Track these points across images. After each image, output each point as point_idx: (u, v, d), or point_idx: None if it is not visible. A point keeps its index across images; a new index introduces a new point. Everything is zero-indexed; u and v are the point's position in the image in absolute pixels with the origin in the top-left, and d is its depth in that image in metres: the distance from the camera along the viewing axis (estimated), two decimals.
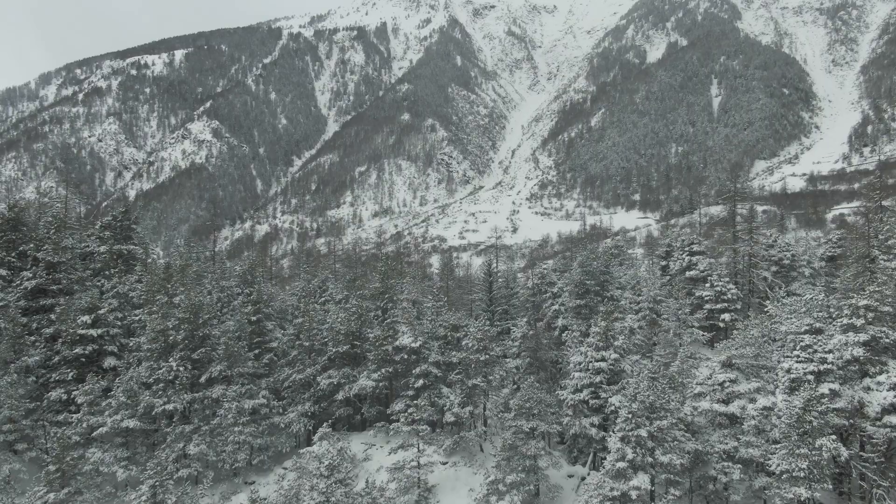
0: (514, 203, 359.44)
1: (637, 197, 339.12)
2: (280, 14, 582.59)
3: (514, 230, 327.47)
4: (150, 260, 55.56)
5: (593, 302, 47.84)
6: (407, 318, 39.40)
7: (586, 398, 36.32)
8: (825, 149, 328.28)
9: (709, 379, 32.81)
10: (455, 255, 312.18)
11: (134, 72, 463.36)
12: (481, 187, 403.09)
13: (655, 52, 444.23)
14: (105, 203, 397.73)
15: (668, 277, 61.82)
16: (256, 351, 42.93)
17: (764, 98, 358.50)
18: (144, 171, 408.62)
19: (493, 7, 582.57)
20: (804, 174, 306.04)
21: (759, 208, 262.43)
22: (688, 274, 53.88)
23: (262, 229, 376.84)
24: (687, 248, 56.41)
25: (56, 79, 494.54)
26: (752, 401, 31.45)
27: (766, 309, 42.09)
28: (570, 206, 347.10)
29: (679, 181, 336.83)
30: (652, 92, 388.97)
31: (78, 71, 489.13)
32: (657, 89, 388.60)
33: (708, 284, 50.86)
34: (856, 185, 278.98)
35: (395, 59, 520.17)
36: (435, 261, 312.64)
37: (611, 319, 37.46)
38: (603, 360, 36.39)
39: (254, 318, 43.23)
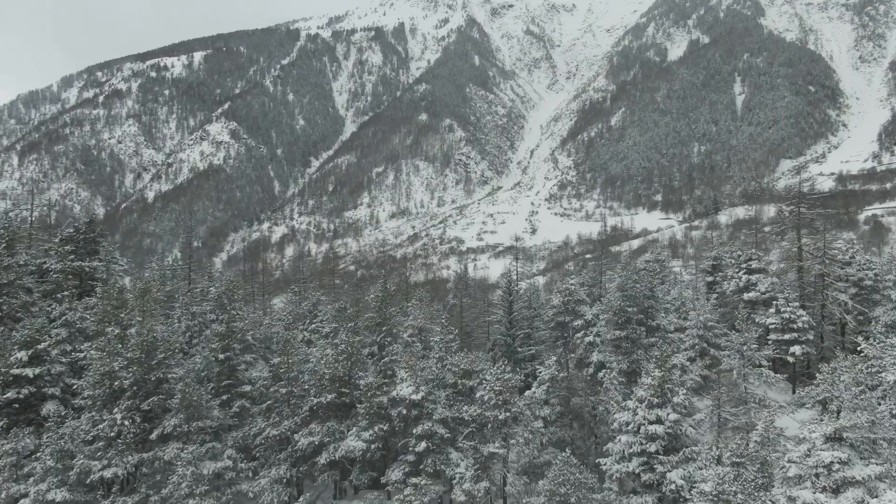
0: (532, 204, 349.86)
1: (659, 197, 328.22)
2: (298, 15, 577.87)
3: (533, 231, 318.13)
4: (117, 279, 47.39)
5: (636, 333, 38.97)
6: (407, 362, 30.87)
7: (637, 470, 27.66)
8: (854, 147, 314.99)
9: (807, 457, 24.09)
10: (473, 256, 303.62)
11: (153, 74, 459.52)
12: (499, 188, 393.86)
13: (677, 50, 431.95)
14: (124, 204, 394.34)
15: (715, 295, 52.83)
16: (225, 396, 34.63)
17: (789, 96, 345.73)
18: (163, 172, 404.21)
19: (511, 6, 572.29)
20: (832, 173, 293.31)
21: (786, 209, 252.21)
22: (746, 296, 44.84)
23: (279, 231, 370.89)
24: (744, 265, 47.22)
25: (78, 81, 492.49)
26: (873, 493, 22.71)
27: (859, 347, 33.04)
28: (590, 207, 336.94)
29: (702, 181, 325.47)
30: (673, 90, 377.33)
31: (99, 73, 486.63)
32: (679, 87, 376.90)
33: (773, 310, 41.74)
34: (888, 185, 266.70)
35: (413, 59, 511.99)
36: (453, 262, 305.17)
37: (668, 367, 28.63)
38: (658, 421, 27.61)
39: (222, 356, 34.90)
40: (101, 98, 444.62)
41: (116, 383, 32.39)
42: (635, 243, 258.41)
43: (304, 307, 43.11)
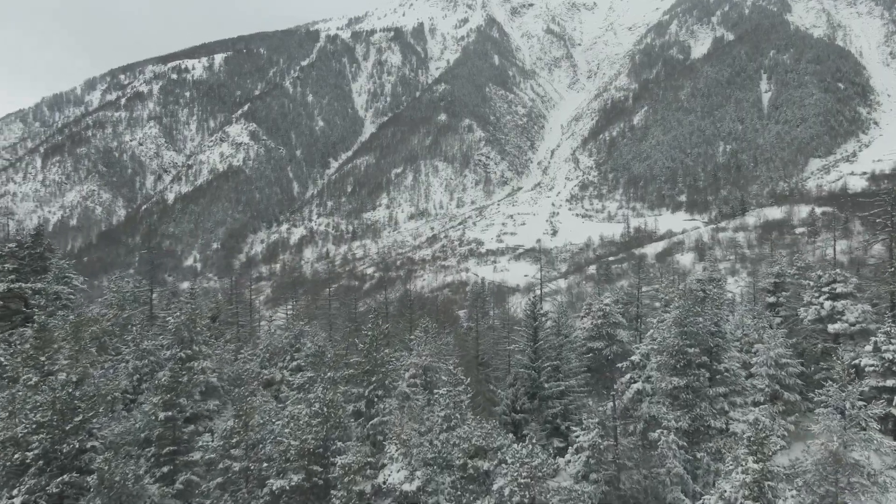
0: (553, 205, 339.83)
1: (683, 198, 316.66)
2: (318, 17, 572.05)
3: (554, 233, 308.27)
4: (68, 304, 39.28)
5: (699, 381, 30.04)
6: (399, 436, 22.39)
7: None
8: (886, 145, 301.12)
9: None
10: (492, 258, 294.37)
11: (174, 76, 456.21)
12: (520, 188, 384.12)
13: (700, 48, 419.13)
14: (144, 206, 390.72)
15: (779, 319, 43.74)
16: (167, 468, 26.41)
17: (817, 93, 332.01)
18: (183, 174, 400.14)
19: (531, 5, 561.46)
20: (864, 173, 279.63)
21: (818, 210, 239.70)
22: (831, 328, 35.83)
23: (298, 232, 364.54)
24: (825, 289, 37.95)
25: (101, 84, 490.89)
26: None
27: None
28: (612, 208, 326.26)
29: (728, 181, 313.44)
30: (697, 88, 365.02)
31: (122, 76, 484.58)
32: (703, 85, 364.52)
33: (869, 347, 32.67)
34: None
35: (432, 59, 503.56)
36: (472, 264, 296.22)
37: (768, 457, 19.82)
38: None
39: (162, 416, 26.66)
40: (122, 100, 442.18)
41: (18, 455, 24.29)
42: (660, 245, 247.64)
43: (284, 339, 34.80)
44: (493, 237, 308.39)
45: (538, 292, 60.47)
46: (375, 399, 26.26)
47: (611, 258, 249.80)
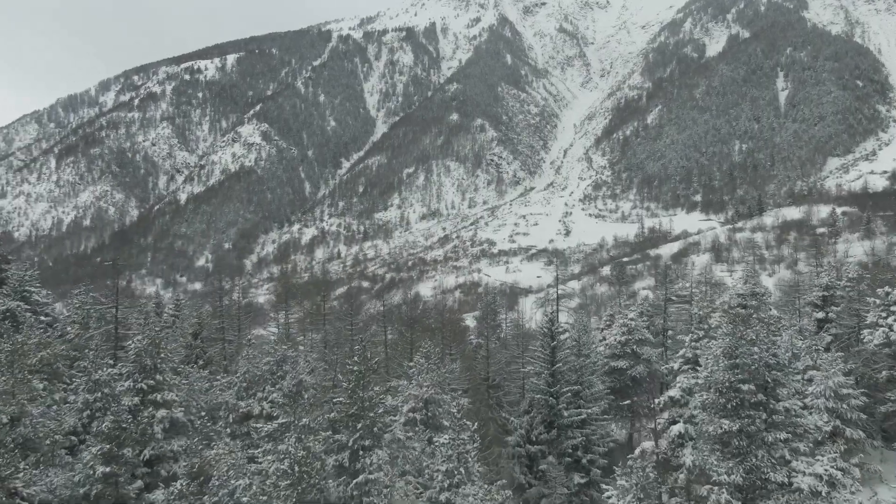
0: (566, 205, 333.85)
1: (698, 198, 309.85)
2: (330, 17, 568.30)
3: (567, 233, 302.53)
4: (30, 320, 34.40)
5: (754, 424, 24.67)
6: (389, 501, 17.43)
7: None
8: None
9: None
10: (505, 259, 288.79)
11: (187, 77, 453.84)
12: (532, 188, 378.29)
13: (715, 46, 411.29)
14: (157, 206, 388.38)
15: (829, 338, 38.39)
16: None
17: (836, 91, 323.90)
18: (195, 174, 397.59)
19: (543, 4, 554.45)
20: (885, 171, 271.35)
21: (839, 210, 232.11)
22: None
23: (309, 233, 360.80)
24: (894, 308, 32.58)
25: (115, 85, 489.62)
26: None
27: None
28: (625, 208, 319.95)
29: (744, 180, 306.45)
30: (712, 87, 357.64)
31: (136, 77, 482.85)
32: (718, 84, 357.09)
33: None
34: None
35: (444, 59, 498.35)
36: (484, 265, 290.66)
37: None
38: None
39: (100, 472, 21.76)
40: (136, 101, 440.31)
41: None
42: (675, 246, 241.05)
43: (264, 366, 29.82)
44: (506, 237, 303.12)
45: (553, 302, 55.30)
46: (361, 451, 21.24)
47: (625, 259, 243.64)
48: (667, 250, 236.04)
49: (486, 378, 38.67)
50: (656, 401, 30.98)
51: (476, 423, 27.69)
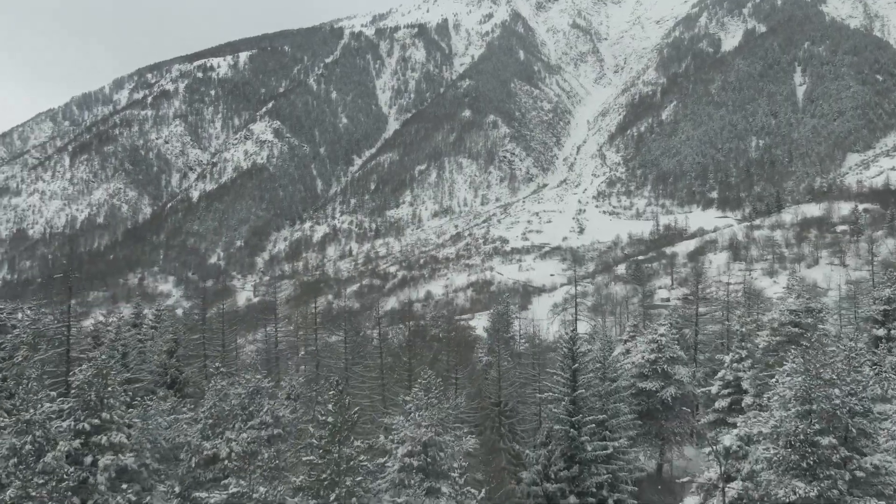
0: (580, 202, 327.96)
1: (714, 194, 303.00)
2: (342, 14, 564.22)
3: (581, 231, 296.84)
4: None
5: (837, 488, 19.53)
6: None
7: None
8: None
9: None
10: (518, 257, 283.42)
11: (200, 74, 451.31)
12: (545, 185, 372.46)
13: (731, 41, 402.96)
14: (170, 204, 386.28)
15: (893, 359, 33.23)
16: None
17: (855, 85, 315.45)
18: (208, 172, 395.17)
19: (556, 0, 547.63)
20: None
21: (860, 207, 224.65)
22: None
23: (321, 230, 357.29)
24: None
25: (128, 83, 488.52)
26: None
27: None
28: (640, 205, 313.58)
29: (761, 177, 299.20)
30: (728, 82, 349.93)
31: (149, 75, 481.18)
32: (734, 79, 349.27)
33: None
34: None
35: (457, 55, 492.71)
36: (496, 263, 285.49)
37: None
38: None
39: None
40: (149, 99, 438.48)
41: None
42: (691, 244, 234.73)
43: (234, 401, 25.20)
44: (519, 235, 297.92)
45: (571, 306, 50.46)
46: None
47: (640, 257, 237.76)
48: (683, 248, 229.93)
49: (497, 402, 34.01)
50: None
51: (485, 456, 22.97)
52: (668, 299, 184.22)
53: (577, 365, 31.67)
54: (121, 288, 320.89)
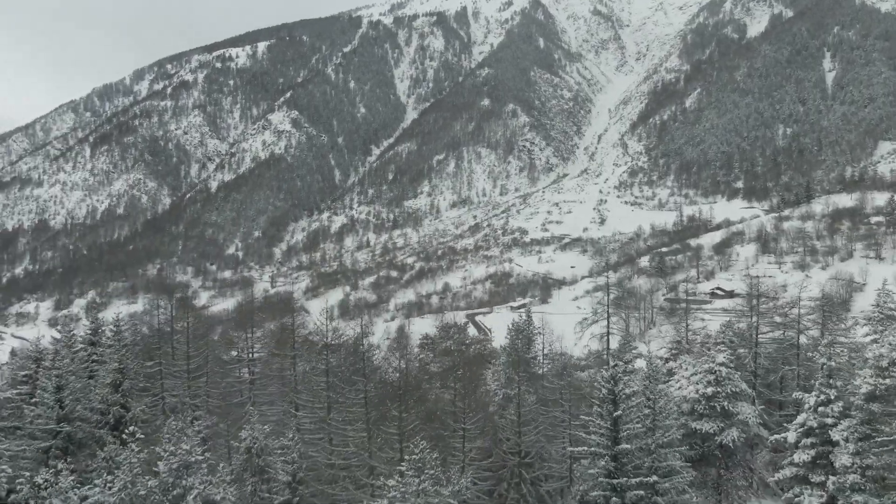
0: (601, 192, 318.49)
1: (740, 184, 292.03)
2: (360, 3, 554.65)
3: (602, 222, 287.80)
4: None
5: None
6: None
7: None
8: None
9: None
10: (537, 248, 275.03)
11: (219, 65, 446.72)
12: (565, 175, 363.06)
13: (757, 26, 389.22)
14: (189, 194, 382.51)
15: None
16: None
17: (886, 71, 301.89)
18: (226, 162, 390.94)
19: None
20: None
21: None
22: None
23: (339, 220, 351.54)
24: None
25: (149, 74, 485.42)
26: None
27: None
28: (663, 195, 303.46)
29: (789, 166, 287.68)
30: (755, 68, 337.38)
31: (169, 66, 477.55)
32: (760, 65, 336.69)
33: None
34: None
35: (476, 43, 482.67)
36: (515, 254, 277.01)
37: None
38: None
39: None
40: (168, 90, 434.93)
41: None
42: (717, 235, 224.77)
43: (151, 482, 18.29)
44: (538, 226, 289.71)
45: (602, 325, 43.08)
46: None
47: (664, 249, 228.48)
48: (708, 240, 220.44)
49: (517, 451, 26.87)
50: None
51: None
52: (693, 293, 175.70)
53: (619, 412, 24.32)
54: (140, 279, 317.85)
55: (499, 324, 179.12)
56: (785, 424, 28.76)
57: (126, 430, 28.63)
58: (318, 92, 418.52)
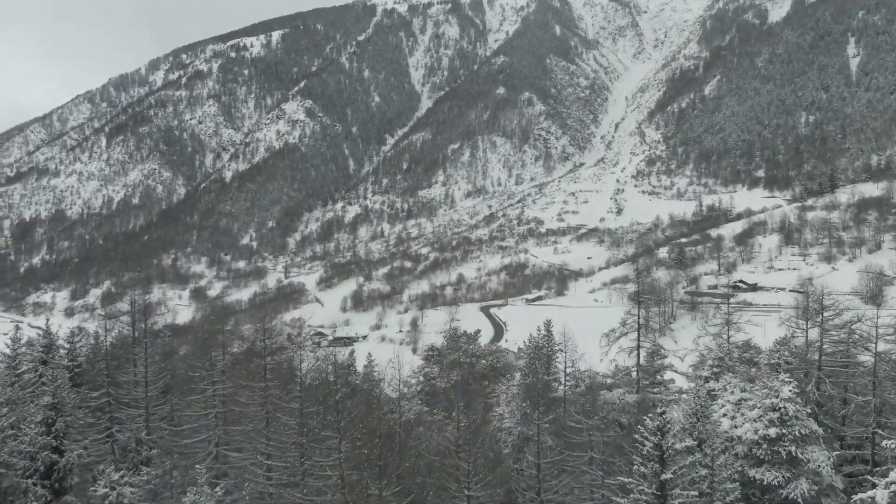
0: (618, 181, 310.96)
1: (761, 173, 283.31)
2: None
3: (619, 212, 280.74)
4: None
5: None
6: None
7: None
8: None
9: None
10: (553, 239, 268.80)
11: (233, 54, 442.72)
12: (582, 164, 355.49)
13: (779, 11, 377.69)
14: (203, 184, 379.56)
15: None
16: None
17: None
18: (241, 152, 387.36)
19: None
20: None
21: None
22: None
23: (353, 210, 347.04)
24: None
25: (164, 64, 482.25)
26: None
27: None
28: (681, 185, 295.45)
29: (812, 154, 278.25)
30: (776, 54, 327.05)
31: (184, 56, 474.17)
32: (782, 51, 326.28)
33: None
34: None
35: (491, 31, 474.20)
36: (531, 245, 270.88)
37: None
38: None
39: None
40: (183, 80, 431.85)
41: None
42: (738, 226, 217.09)
43: None
44: (554, 216, 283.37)
45: (631, 337, 37.56)
46: None
47: (683, 239, 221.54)
48: (729, 230, 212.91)
49: (537, 501, 21.52)
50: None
51: None
52: (715, 286, 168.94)
53: (668, 475, 18.83)
54: (155, 269, 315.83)
55: (514, 317, 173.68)
56: (868, 477, 23.03)
57: (59, 480, 23.76)
58: (333, 81, 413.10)
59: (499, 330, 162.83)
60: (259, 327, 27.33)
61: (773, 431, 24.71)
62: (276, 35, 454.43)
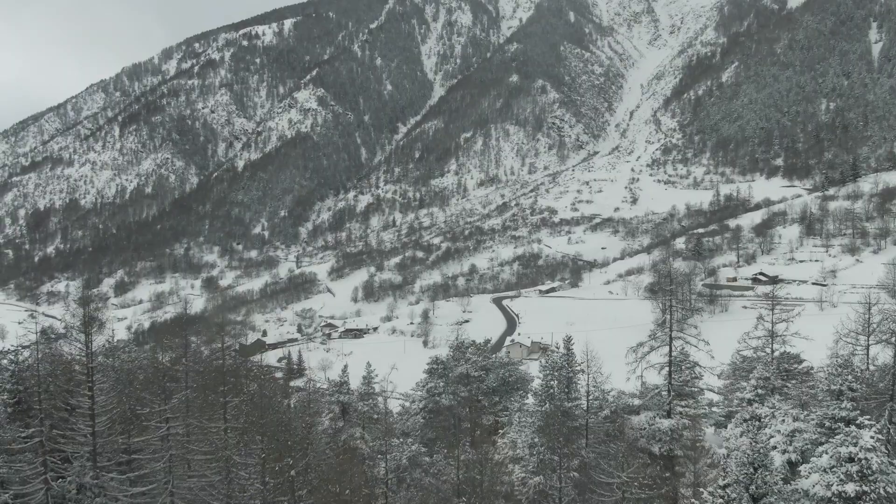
0: (632, 170, 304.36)
1: (780, 162, 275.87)
2: None
3: (634, 201, 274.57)
4: None
5: None
6: None
7: None
8: None
9: None
10: (567, 229, 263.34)
11: (245, 43, 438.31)
12: (596, 153, 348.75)
13: None
14: (215, 174, 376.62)
15: None
16: None
17: None
18: (252, 141, 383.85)
19: None
20: None
21: None
22: None
23: (365, 200, 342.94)
24: None
25: (177, 53, 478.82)
26: None
27: None
28: (698, 174, 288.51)
29: (833, 142, 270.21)
30: (796, 41, 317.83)
31: (196, 45, 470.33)
32: (802, 37, 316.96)
33: None
34: None
35: (504, 18, 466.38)
36: (544, 235, 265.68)
37: None
38: None
39: None
40: (196, 68, 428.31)
41: None
42: (757, 216, 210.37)
43: None
44: (568, 205, 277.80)
45: (664, 352, 33.05)
46: None
47: (700, 230, 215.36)
48: (747, 220, 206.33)
49: None
50: None
51: None
52: (734, 278, 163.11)
53: None
54: (167, 258, 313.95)
55: (527, 308, 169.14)
56: None
57: None
58: (345, 69, 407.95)
59: (511, 322, 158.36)
60: (216, 347, 22.72)
61: (850, 488, 20.02)
62: (288, 23, 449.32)
